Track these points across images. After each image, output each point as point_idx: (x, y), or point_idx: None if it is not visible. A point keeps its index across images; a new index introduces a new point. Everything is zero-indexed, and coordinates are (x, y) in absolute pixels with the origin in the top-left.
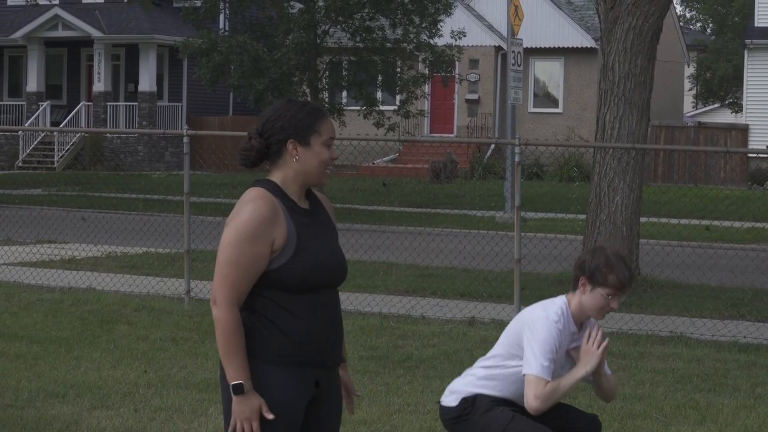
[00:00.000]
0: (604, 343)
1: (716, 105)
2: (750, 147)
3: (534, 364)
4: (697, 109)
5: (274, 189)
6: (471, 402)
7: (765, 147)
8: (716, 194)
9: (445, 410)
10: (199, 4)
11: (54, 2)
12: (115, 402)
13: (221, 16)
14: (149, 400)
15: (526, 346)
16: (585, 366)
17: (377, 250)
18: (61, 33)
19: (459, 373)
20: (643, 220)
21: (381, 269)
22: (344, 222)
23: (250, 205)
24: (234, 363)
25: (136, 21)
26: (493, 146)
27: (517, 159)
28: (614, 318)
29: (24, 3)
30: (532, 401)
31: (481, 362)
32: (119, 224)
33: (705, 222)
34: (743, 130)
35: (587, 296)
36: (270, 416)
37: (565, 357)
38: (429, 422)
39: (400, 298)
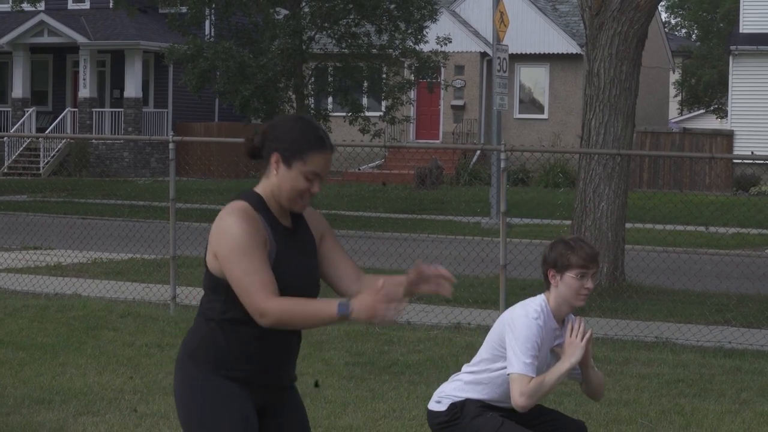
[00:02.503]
0: (588, 334)
1: (701, 111)
2: (735, 153)
3: (516, 362)
4: (682, 115)
5: (258, 203)
6: (460, 407)
7: (750, 153)
8: (701, 200)
9: (433, 415)
10: (184, 10)
11: (39, 8)
12: (101, 408)
13: (207, 23)
14: (135, 406)
15: (508, 346)
16: (570, 358)
17: (363, 255)
18: (46, 39)
19: (445, 379)
20: (628, 226)
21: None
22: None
23: (233, 218)
24: (317, 306)
25: (121, 27)
26: (478, 152)
27: (502, 165)
28: (599, 324)
29: (9, 9)
30: (518, 398)
31: (467, 368)
32: (105, 230)
33: (690, 228)
34: (728, 136)
35: (561, 286)
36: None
37: (550, 355)
38: (414, 428)
39: None
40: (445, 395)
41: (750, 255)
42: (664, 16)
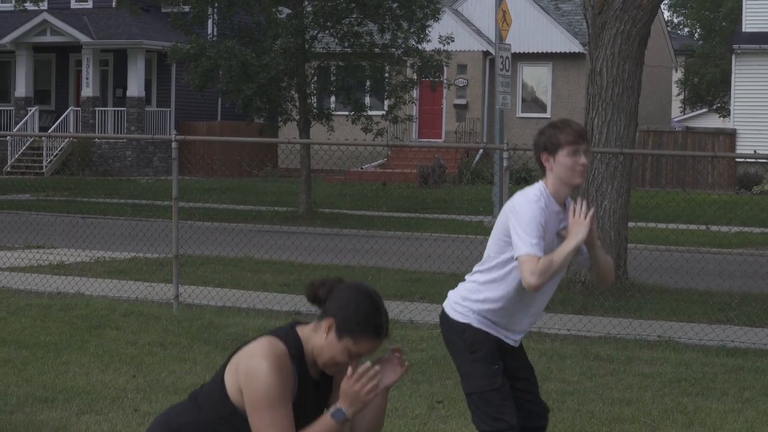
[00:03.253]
0: (591, 212)
1: (704, 110)
2: (737, 151)
3: (522, 244)
4: (684, 113)
5: (296, 350)
6: (473, 337)
7: (752, 151)
8: (704, 199)
9: (447, 320)
10: (187, 9)
11: (42, 8)
12: (104, 407)
13: (209, 22)
14: (138, 404)
15: (513, 231)
16: (576, 236)
17: (365, 254)
18: (49, 38)
19: (447, 377)
20: (631, 224)
21: (369, 274)
22: (333, 227)
23: (267, 365)
24: (321, 430)
25: (124, 26)
26: (481, 151)
27: (505, 164)
28: (602, 322)
29: (12, 8)
30: (528, 278)
31: (478, 266)
32: (108, 229)
33: (693, 227)
34: (731, 135)
35: (556, 166)
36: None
37: (555, 239)
38: (417, 427)
39: (388, 303)
40: (461, 298)
41: (753, 254)
42: (666, 14)
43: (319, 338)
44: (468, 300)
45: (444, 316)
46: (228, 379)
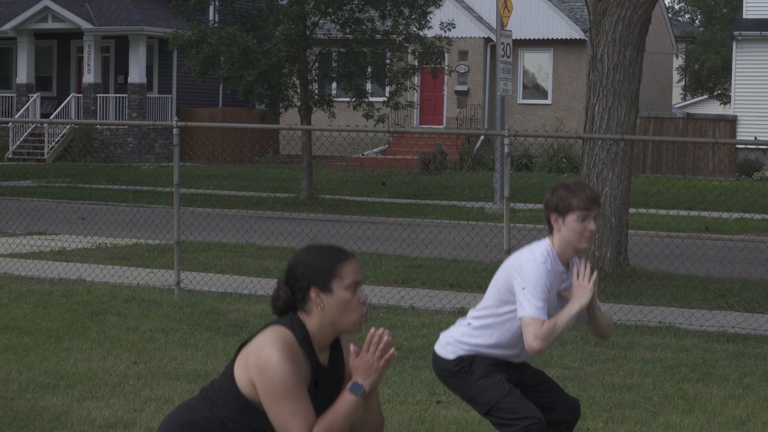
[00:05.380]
0: (594, 276)
1: (704, 96)
2: (738, 138)
3: (528, 306)
4: (685, 100)
5: (303, 336)
6: (469, 363)
7: (753, 138)
8: (705, 185)
9: (440, 360)
10: None
11: None
12: (105, 393)
13: (211, 8)
14: (139, 390)
15: (518, 291)
16: (579, 300)
17: (366, 241)
18: (50, 25)
19: None
20: (631, 211)
21: (370, 260)
22: (334, 213)
23: (278, 354)
24: (343, 408)
25: (125, 13)
26: (482, 137)
27: (506, 150)
28: (603, 308)
29: None
30: (532, 342)
31: (473, 312)
32: (109, 215)
33: (694, 213)
34: (731, 122)
35: (564, 229)
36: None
37: (557, 299)
38: (419, 412)
39: (389, 289)
40: (453, 340)
41: (753, 240)
42: (667, 1)
43: (318, 314)
44: (459, 342)
45: (435, 357)
46: (238, 373)
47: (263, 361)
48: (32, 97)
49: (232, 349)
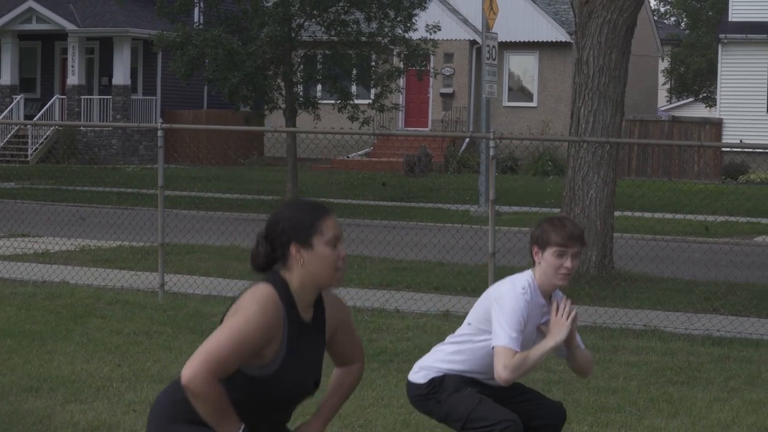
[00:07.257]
0: (573, 313)
1: (690, 99)
2: (724, 141)
3: (502, 335)
4: (671, 103)
5: (285, 294)
6: (439, 382)
7: (739, 141)
8: (690, 188)
9: (412, 387)
10: None
11: None
12: (89, 396)
13: (196, 10)
14: (123, 394)
15: (494, 319)
16: (555, 337)
17: (351, 243)
18: (35, 26)
19: None
20: (617, 214)
21: (355, 263)
22: None
23: (256, 307)
24: (222, 421)
25: (110, 14)
26: (467, 140)
27: (491, 153)
28: (588, 311)
29: None
30: (501, 372)
31: (450, 338)
32: (93, 218)
33: (679, 216)
34: (717, 125)
35: (543, 262)
36: None
37: (535, 333)
38: (403, 416)
39: (374, 292)
40: (426, 366)
41: (738, 243)
42: (653, 4)
43: (298, 270)
44: (432, 366)
45: (409, 385)
46: None
47: (241, 307)
48: (16, 98)
49: None
